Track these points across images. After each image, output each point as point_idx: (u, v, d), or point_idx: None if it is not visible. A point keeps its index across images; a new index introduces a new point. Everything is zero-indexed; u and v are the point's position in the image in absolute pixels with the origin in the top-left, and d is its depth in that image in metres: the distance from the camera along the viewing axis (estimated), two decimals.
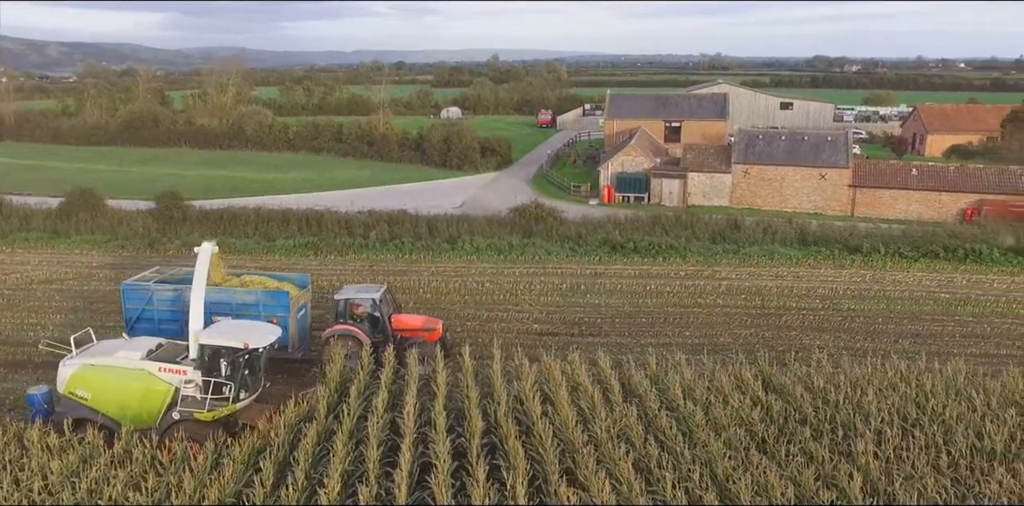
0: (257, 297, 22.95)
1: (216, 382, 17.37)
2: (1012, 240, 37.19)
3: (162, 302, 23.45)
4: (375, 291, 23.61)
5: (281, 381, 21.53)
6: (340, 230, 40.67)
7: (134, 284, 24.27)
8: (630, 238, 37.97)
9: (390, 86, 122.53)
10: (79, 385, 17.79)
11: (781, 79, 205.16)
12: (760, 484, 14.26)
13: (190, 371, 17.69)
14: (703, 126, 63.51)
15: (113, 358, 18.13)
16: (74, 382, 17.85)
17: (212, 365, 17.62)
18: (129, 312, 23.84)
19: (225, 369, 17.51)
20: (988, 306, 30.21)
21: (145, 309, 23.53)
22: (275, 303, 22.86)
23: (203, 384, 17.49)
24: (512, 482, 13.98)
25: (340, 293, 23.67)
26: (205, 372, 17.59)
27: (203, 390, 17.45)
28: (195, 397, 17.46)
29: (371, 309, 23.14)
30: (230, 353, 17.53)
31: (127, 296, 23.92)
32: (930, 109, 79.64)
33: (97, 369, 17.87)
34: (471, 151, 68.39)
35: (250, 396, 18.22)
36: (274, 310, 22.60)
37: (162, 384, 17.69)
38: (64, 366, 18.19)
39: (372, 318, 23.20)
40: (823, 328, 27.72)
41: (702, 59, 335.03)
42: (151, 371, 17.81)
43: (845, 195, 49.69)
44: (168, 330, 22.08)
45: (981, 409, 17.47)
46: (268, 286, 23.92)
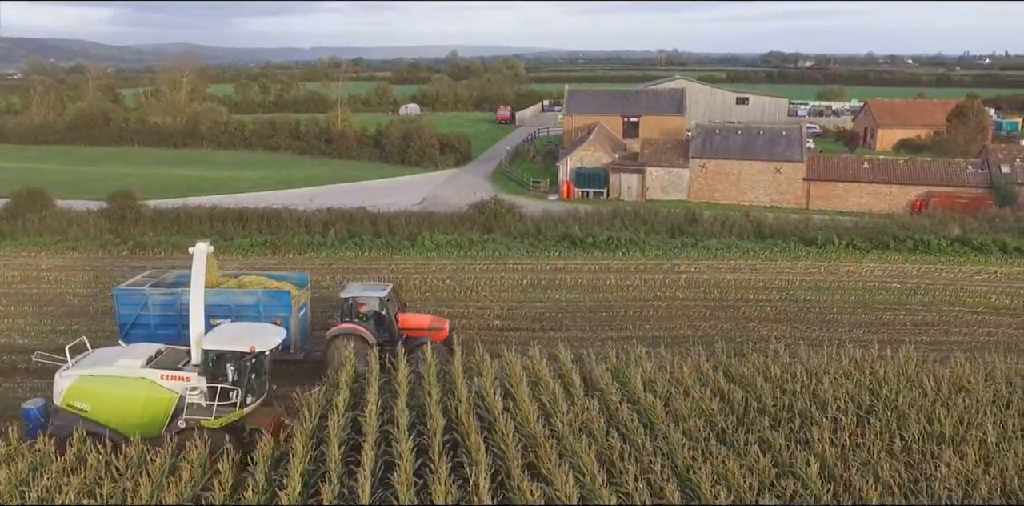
0: (257, 298, 22.49)
1: (222, 388, 16.94)
2: (958, 231, 38.24)
3: (157, 307, 22.82)
4: (381, 290, 23.20)
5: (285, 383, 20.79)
6: (298, 228, 40.18)
7: (128, 289, 23.56)
8: (589, 233, 38.19)
9: (348, 83, 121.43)
10: (77, 397, 17.16)
11: (737, 75, 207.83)
12: (720, 474, 14.46)
13: (194, 377, 17.20)
14: (661, 121, 64.02)
15: (113, 367, 17.48)
16: (72, 394, 17.21)
17: (217, 370, 17.15)
18: (123, 318, 23.10)
19: (232, 374, 17.06)
20: (937, 295, 31.02)
21: (140, 315, 22.87)
22: (276, 303, 22.42)
23: (208, 390, 17.03)
24: (475, 479, 13.97)
25: (346, 291, 23.11)
26: (210, 378, 17.10)
27: (209, 396, 17.00)
28: (201, 404, 17.02)
29: (378, 308, 22.77)
30: (236, 358, 17.09)
31: (121, 302, 23.19)
32: (880, 104, 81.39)
33: (96, 379, 17.23)
34: (430, 148, 68.09)
35: (257, 400, 17.80)
36: (275, 310, 22.15)
37: (165, 392, 17.16)
38: (60, 377, 17.49)
39: (378, 317, 22.82)
40: (780, 319, 28.20)
41: (659, 55, 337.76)
42: (153, 379, 17.24)
43: (800, 188, 50.57)
44: (165, 336, 21.44)
45: (932, 395, 17.93)
46: (268, 286, 23.46)
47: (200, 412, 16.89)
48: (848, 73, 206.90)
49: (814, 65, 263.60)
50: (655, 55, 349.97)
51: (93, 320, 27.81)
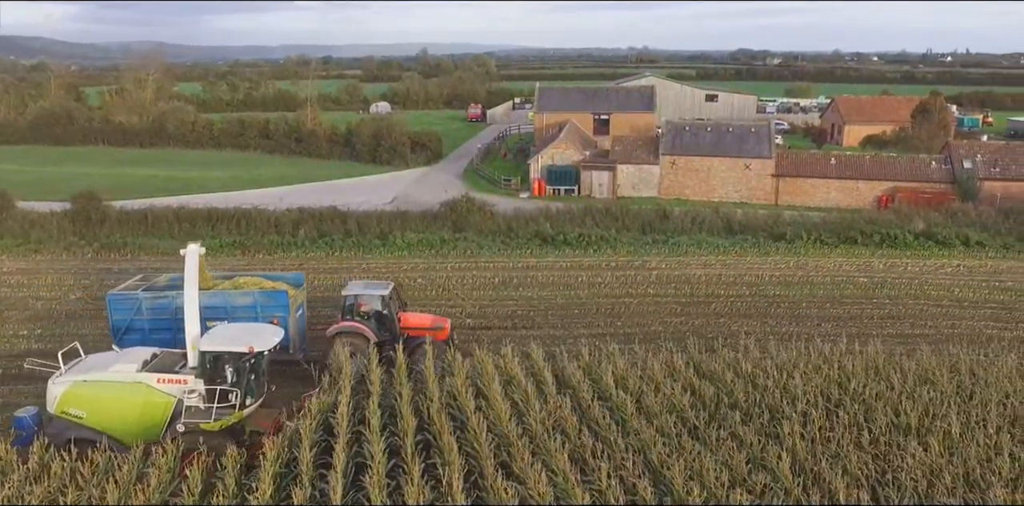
0: (254, 298, 22.20)
1: (221, 390, 16.66)
2: (923, 225, 38.89)
3: (151, 311, 22.43)
4: (383, 288, 23.03)
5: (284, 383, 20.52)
6: (268, 228, 39.77)
7: (121, 294, 23.12)
8: (561, 231, 38.27)
9: (317, 81, 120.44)
10: (72, 403, 16.80)
11: (707, 72, 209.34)
12: (693, 469, 14.55)
13: (191, 380, 16.91)
14: (631, 118, 64.26)
15: (107, 373, 17.14)
16: (66, 400, 16.85)
17: (215, 372, 16.88)
18: (117, 323, 22.67)
19: (231, 375, 16.80)
20: (903, 288, 31.52)
21: (134, 319, 22.47)
22: (274, 303, 22.15)
23: (207, 393, 16.74)
24: (448, 479, 13.93)
25: (347, 289, 22.94)
26: (208, 380, 16.82)
27: (207, 399, 16.72)
28: (199, 407, 16.74)
29: (380, 306, 22.60)
30: (234, 358, 16.83)
31: (114, 306, 22.75)
32: (847, 101, 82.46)
33: (90, 385, 16.90)
34: (401, 146, 67.73)
35: (256, 402, 17.55)
36: (273, 311, 21.87)
37: (162, 396, 16.88)
38: (54, 384, 17.11)
39: (379, 316, 22.65)
40: (750, 314, 28.47)
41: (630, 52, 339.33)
42: (149, 383, 16.94)
43: (769, 184, 51.06)
44: (160, 340, 21.14)
45: (898, 387, 18.21)
46: (264, 287, 23.19)
47: (199, 415, 16.63)
48: (815, 70, 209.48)
49: (782, 62, 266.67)
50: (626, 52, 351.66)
51: (57, 324, 27.31)
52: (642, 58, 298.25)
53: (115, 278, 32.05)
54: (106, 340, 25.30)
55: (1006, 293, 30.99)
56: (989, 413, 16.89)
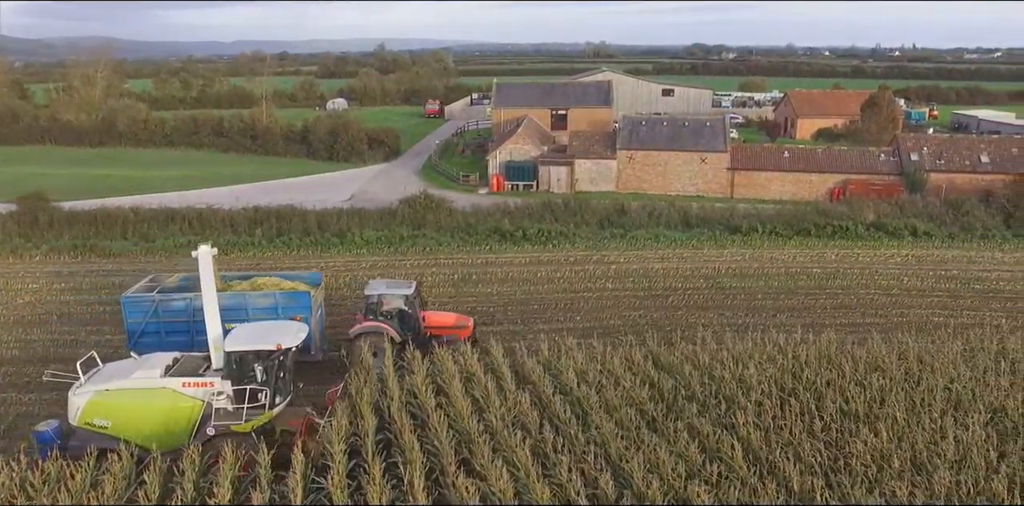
0: (275, 299, 21.93)
1: (250, 390, 16.42)
2: (873, 217, 39.86)
3: (168, 314, 22.09)
4: (407, 287, 22.81)
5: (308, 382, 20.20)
6: (224, 228, 39.21)
7: (135, 296, 22.67)
8: (520, 226, 38.38)
9: (273, 77, 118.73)
10: (96, 413, 16.40)
11: (663, 66, 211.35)
12: (651, 462, 14.76)
13: (218, 382, 16.61)
14: (588, 113, 64.69)
15: (130, 380, 16.74)
16: (90, 411, 16.44)
17: (242, 373, 16.61)
18: (132, 326, 22.26)
19: (260, 374, 16.55)
20: (854, 279, 32.26)
21: (149, 322, 22.09)
22: (295, 304, 21.91)
23: (235, 394, 16.49)
24: (409, 478, 13.95)
25: (370, 288, 22.65)
26: (235, 381, 16.56)
27: (236, 400, 16.46)
28: (227, 409, 16.45)
29: (404, 305, 22.40)
30: (263, 357, 16.57)
31: (129, 309, 22.32)
32: (799, 95, 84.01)
33: (114, 394, 16.49)
34: (358, 143, 67.31)
35: (284, 400, 17.29)
36: (294, 312, 21.59)
37: (189, 400, 16.56)
38: (75, 395, 16.66)
39: (403, 314, 22.44)
40: (707, 306, 28.90)
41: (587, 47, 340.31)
42: (174, 388, 16.61)
43: (724, 178, 51.80)
44: (176, 343, 20.77)
45: (849, 375, 18.66)
46: (283, 287, 22.91)
47: (228, 417, 16.38)
48: (769, 65, 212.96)
49: (737, 57, 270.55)
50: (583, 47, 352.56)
51: (4, 329, 26.57)
52: (599, 53, 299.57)
53: (64, 282, 31.40)
54: (58, 347, 24.94)
55: (951, 282, 31.92)
56: (935, 398, 17.40)
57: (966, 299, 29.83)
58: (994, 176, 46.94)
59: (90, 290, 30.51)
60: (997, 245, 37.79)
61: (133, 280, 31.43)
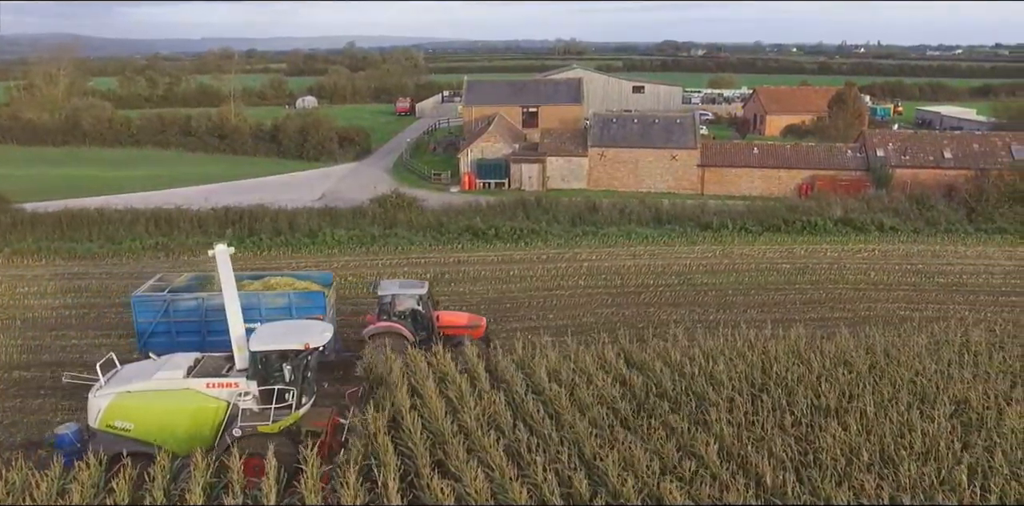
0: (289, 299, 21.71)
1: (276, 390, 16.18)
2: (841, 212, 40.44)
3: (180, 313, 21.84)
4: (420, 287, 22.68)
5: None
6: (193, 229, 38.73)
7: (146, 295, 22.35)
8: (492, 224, 38.38)
9: (241, 75, 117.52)
10: (118, 416, 16.02)
11: (633, 63, 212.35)
12: (626, 459, 14.84)
13: (243, 383, 16.31)
14: (559, 111, 64.83)
15: (153, 381, 16.36)
16: (112, 413, 16.05)
17: (267, 373, 16.34)
18: (141, 326, 21.99)
19: (288, 374, 16.29)
20: (823, 274, 32.71)
21: (160, 322, 21.82)
22: (310, 304, 21.71)
23: (261, 394, 16.24)
24: (383, 480, 13.89)
25: (382, 289, 22.48)
26: (261, 381, 16.28)
27: (262, 400, 16.21)
28: (253, 410, 16.18)
29: (417, 305, 22.25)
30: (290, 356, 16.32)
31: (139, 309, 22.02)
32: (768, 91, 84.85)
33: (136, 395, 16.14)
34: (329, 141, 66.85)
35: (310, 401, 17.03)
36: (309, 312, 21.35)
37: (213, 401, 16.24)
38: (96, 397, 16.26)
39: (416, 315, 22.30)
40: (679, 303, 29.13)
41: (557, 44, 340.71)
42: (198, 389, 16.28)
43: (695, 174, 52.22)
44: (188, 343, 20.47)
45: (818, 370, 18.91)
46: (297, 287, 22.68)
47: (254, 418, 16.10)
48: (738, 61, 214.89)
49: (706, 54, 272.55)
50: (553, 44, 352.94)
51: None
52: (569, 50, 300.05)
53: (28, 285, 30.81)
54: (22, 353, 24.47)
55: (917, 276, 32.49)
56: (901, 391, 17.70)
57: (931, 293, 30.38)
58: (957, 171, 47.85)
59: (55, 294, 29.97)
60: (960, 239, 38.55)
61: (99, 283, 31.10)
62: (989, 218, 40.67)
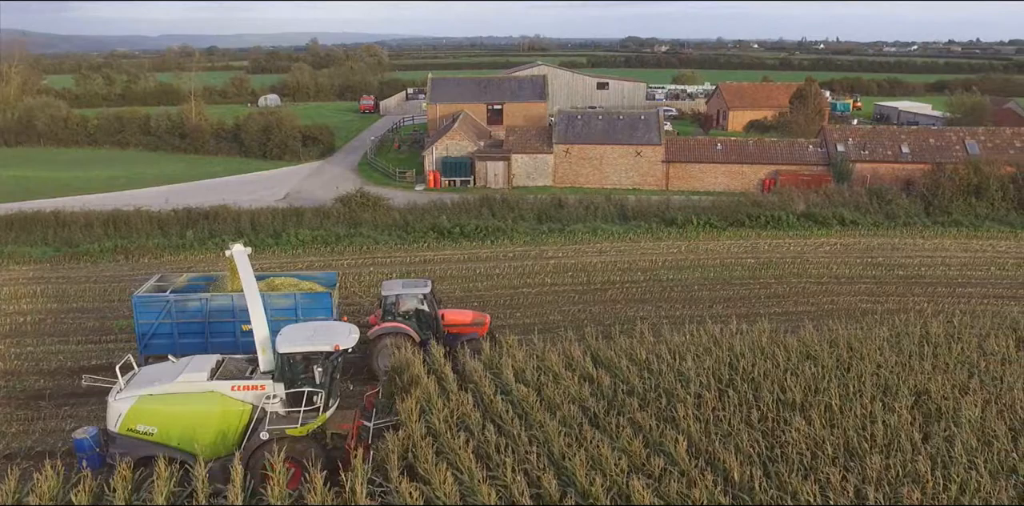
0: (295, 300, 21.41)
1: (303, 392, 15.86)
2: (803, 206, 40.98)
3: (182, 314, 21.42)
4: (423, 286, 22.45)
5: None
6: (153, 230, 38.06)
7: (147, 296, 21.83)
8: (457, 223, 38.24)
9: (202, 73, 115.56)
10: (140, 419, 15.58)
11: (597, 59, 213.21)
12: (594, 458, 14.85)
13: (269, 385, 15.95)
14: (524, 108, 64.83)
15: (177, 383, 15.91)
16: (133, 417, 15.59)
17: (294, 375, 16.03)
18: (142, 327, 21.55)
19: (319, 376, 16.00)
20: (786, 268, 33.11)
21: (161, 323, 21.41)
22: (316, 305, 21.47)
23: (288, 397, 15.93)
24: (351, 484, 13.74)
25: (386, 289, 22.27)
26: (288, 383, 15.95)
27: (290, 403, 15.90)
28: (279, 413, 15.83)
29: (421, 305, 22.08)
30: (320, 358, 16.02)
31: (140, 309, 21.55)
32: (731, 87, 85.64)
33: (159, 399, 15.68)
34: (292, 140, 65.98)
35: (335, 403, 16.75)
36: (314, 313, 21.09)
37: (238, 404, 15.85)
38: (116, 401, 15.79)
39: (420, 314, 22.12)
40: (645, 299, 29.27)
41: (522, 41, 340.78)
42: (223, 392, 15.87)
43: (660, 170, 52.52)
44: (190, 345, 20.16)
45: (783, 364, 19.12)
46: (301, 288, 22.35)
47: (281, 421, 15.77)
48: (700, 57, 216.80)
49: (669, 50, 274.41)
50: (518, 40, 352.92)
51: None
52: (534, 46, 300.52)
53: None
54: None
55: (877, 268, 33.04)
56: (864, 384, 17.97)
57: (891, 285, 30.92)
58: (914, 166, 48.73)
59: (9, 299, 29.19)
60: (918, 232, 39.31)
61: (55, 288, 30.37)
62: (945, 211, 41.57)
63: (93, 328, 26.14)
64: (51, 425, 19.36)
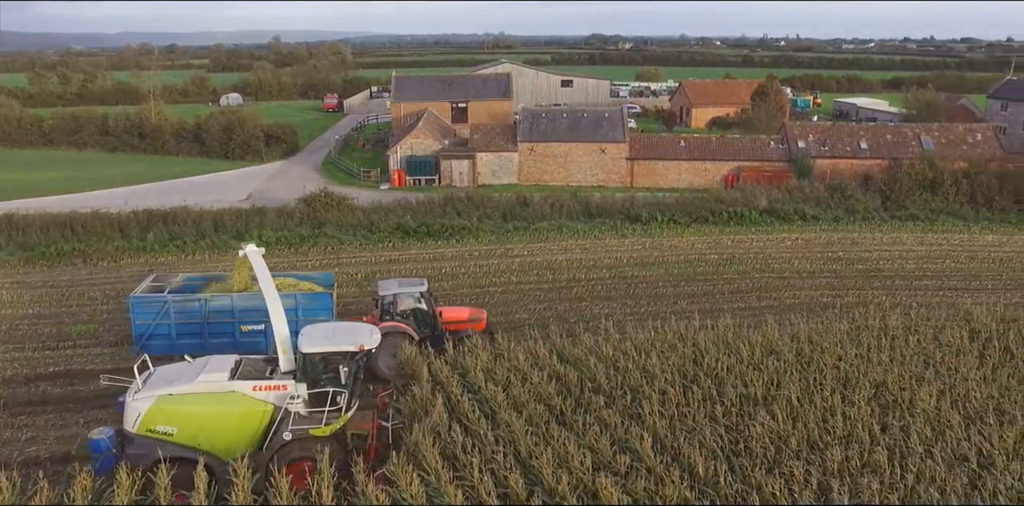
0: (295, 301, 21.06)
1: (326, 393, 15.68)
2: (765, 202, 41.55)
3: (180, 315, 21.12)
4: (419, 284, 22.39)
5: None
6: (112, 233, 37.32)
7: (145, 296, 21.48)
8: (423, 222, 38.13)
9: (161, 71, 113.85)
10: (160, 420, 15.21)
11: (561, 57, 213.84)
12: (561, 456, 14.91)
13: (291, 385, 15.69)
14: (489, 106, 64.80)
15: (197, 383, 15.56)
16: (153, 417, 15.21)
17: (316, 375, 15.82)
18: (139, 328, 21.17)
19: (344, 376, 15.84)
20: (749, 263, 33.54)
21: (160, 324, 21.06)
22: (317, 305, 21.29)
23: (311, 397, 15.71)
24: (317, 488, 13.64)
25: (383, 289, 22.11)
26: (311, 384, 15.72)
27: (313, 403, 15.69)
28: (301, 413, 15.60)
29: (420, 303, 21.98)
30: (345, 358, 15.85)
31: (137, 310, 21.19)
32: (694, 84, 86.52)
33: (179, 399, 15.32)
34: (255, 140, 65.24)
35: (356, 404, 16.52)
36: (315, 313, 20.84)
37: (260, 405, 15.57)
38: (134, 401, 15.38)
39: (418, 313, 22.03)
40: (611, 296, 29.43)
41: (486, 38, 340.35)
42: (244, 392, 15.57)
43: (624, 168, 52.87)
44: (188, 345, 19.74)
45: (747, 359, 19.36)
46: (301, 288, 22.08)
47: (304, 422, 15.55)
48: (664, 54, 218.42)
49: (633, 47, 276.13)
50: (482, 38, 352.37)
51: None
52: (498, 44, 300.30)
53: None
54: None
55: (838, 263, 33.63)
56: (825, 377, 18.27)
57: (851, 279, 31.48)
58: (872, 161, 49.71)
59: None
60: (876, 226, 40.09)
61: (10, 293, 29.67)
62: (902, 206, 42.45)
63: (50, 334, 25.59)
64: (5, 435, 18.92)
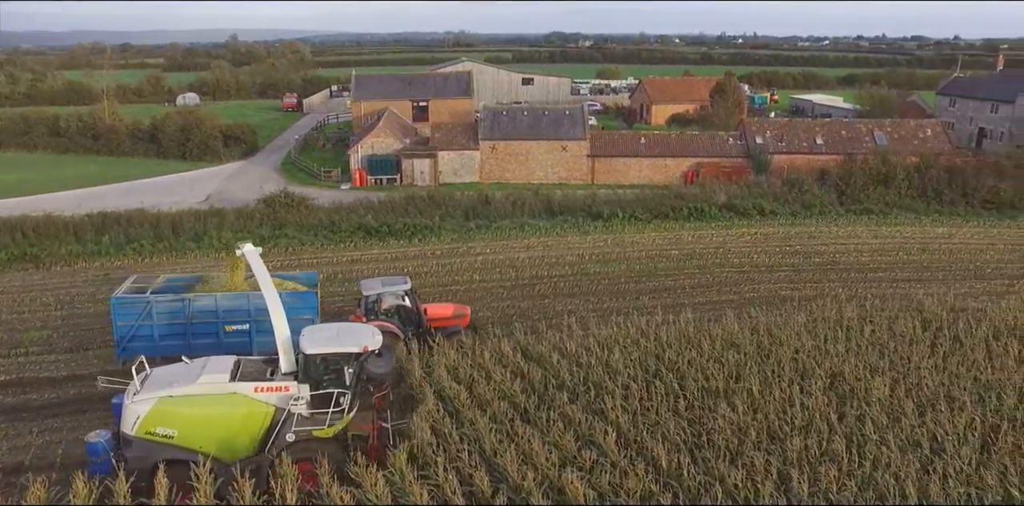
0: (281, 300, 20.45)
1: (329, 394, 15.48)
2: (724, 198, 42.10)
3: (163, 316, 20.74)
4: (403, 282, 22.31)
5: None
6: (66, 237, 36.43)
7: (126, 297, 21.00)
8: (384, 221, 37.93)
9: (115, 71, 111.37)
10: (160, 422, 14.92)
11: (522, 55, 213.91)
12: (526, 453, 14.98)
13: (293, 386, 15.46)
14: (450, 104, 64.63)
15: (198, 385, 15.24)
16: (152, 419, 14.92)
17: (319, 376, 15.62)
18: (120, 329, 20.73)
19: (349, 377, 15.71)
20: (709, 258, 33.98)
21: (141, 325, 20.66)
22: (302, 305, 20.99)
23: (314, 398, 15.52)
24: (280, 491, 13.54)
25: (367, 289, 22.07)
26: (313, 385, 15.52)
27: (316, 404, 15.50)
28: (303, 414, 15.38)
29: (403, 301, 21.90)
30: (348, 359, 15.71)
31: (118, 311, 20.74)
32: (653, 82, 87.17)
33: (179, 400, 15.03)
34: (213, 140, 64.17)
35: (357, 405, 16.31)
36: (301, 312, 20.48)
37: (262, 406, 15.35)
38: (133, 403, 15.02)
39: (402, 311, 21.95)
40: (573, 293, 29.60)
41: (447, 37, 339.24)
42: (246, 393, 15.31)
43: (585, 165, 53.12)
44: (170, 347, 19.55)
45: (708, 353, 19.66)
46: (286, 287, 21.61)
47: (306, 423, 15.38)
48: (624, 52, 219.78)
49: (593, 45, 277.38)
50: (443, 36, 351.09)
51: None
52: (459, 42, 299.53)
53: None
54: None
55: (795, 256, 34.24)
56: (783, 369, 18.64)
57: (808, 272, 32.08)
58: (828, 157, 50.60)
59: None
60: (832, 220, 40.88)
61: None
62: (857, 200, 43.35)
63: (1, 341, 24.98)
64: None
